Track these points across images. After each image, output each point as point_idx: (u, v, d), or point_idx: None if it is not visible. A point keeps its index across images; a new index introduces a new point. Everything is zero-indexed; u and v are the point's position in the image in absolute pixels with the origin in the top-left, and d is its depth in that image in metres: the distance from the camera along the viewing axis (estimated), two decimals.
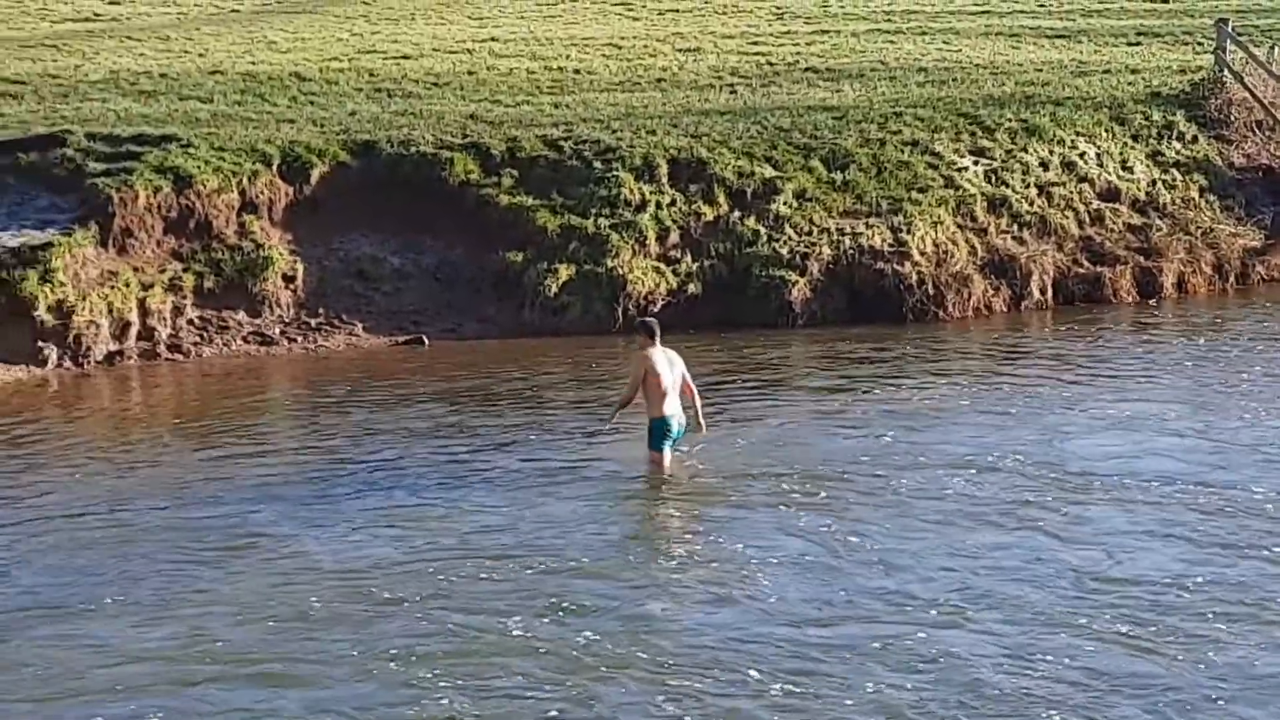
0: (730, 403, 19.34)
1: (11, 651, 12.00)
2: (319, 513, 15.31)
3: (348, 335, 22.97)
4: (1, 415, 19.15)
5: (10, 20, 41.60)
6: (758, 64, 33.99)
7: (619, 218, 24.33)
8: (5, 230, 22.49)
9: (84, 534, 14.78)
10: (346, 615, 12.59)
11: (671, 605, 12.81)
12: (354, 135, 25.64)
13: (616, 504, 15.72)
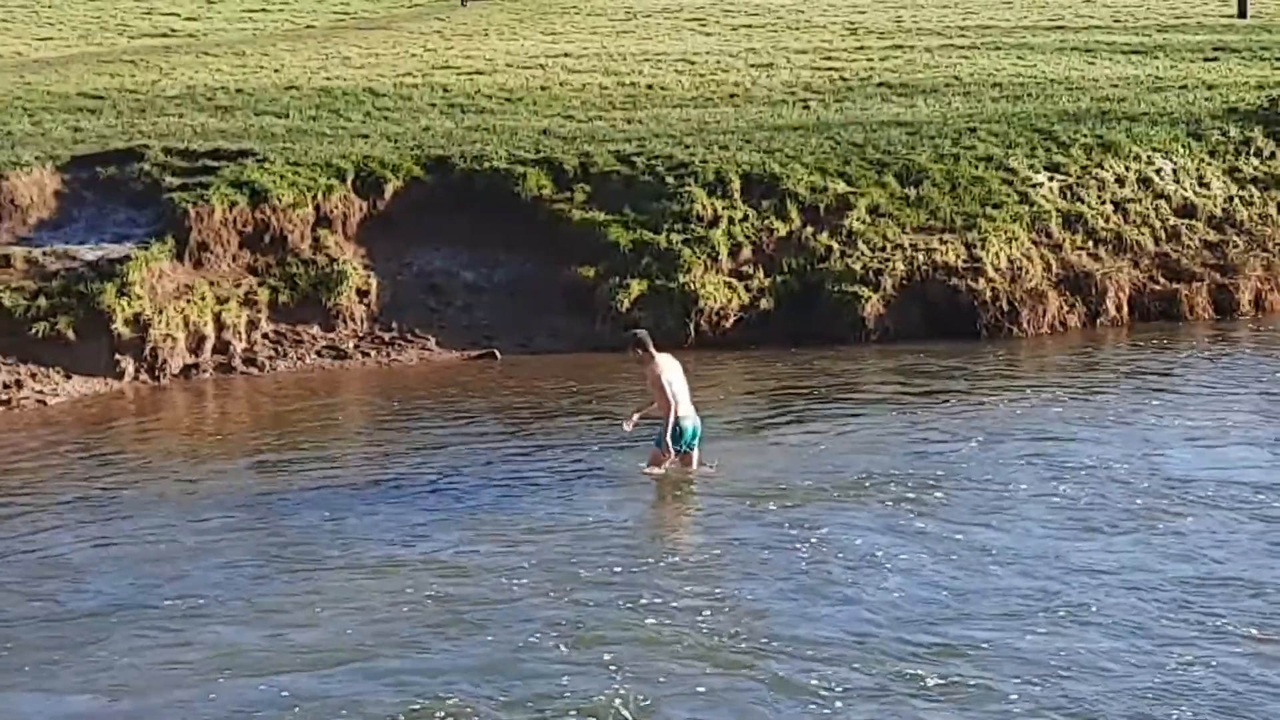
0: (813, 413, 19.54)
1: (108, 650, 12.27)
2: (393, 520, 15.46)
3: (420, 349, 23.02)
4: (79, 427, 19.32)
5: (90, 36, 42.04)
6: (831, 79, 33.93)
7: (691, 233, 24.31)
8: (84, 244, 22.68)
9: (161, 542, 14.92)
10: (439, 614, 12.91)
11: (798, 601, 13.13)
12: (427, 150, 25.74)
13: (717, 509, 15.86)
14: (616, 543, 14.82)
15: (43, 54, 37.98)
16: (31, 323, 21.24)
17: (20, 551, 14.74)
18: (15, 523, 15.58)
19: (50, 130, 26.75)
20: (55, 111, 28.73)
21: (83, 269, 22.00)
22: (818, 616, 12.81)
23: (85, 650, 12.32)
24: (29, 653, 12.27)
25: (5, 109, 28.82)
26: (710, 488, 16.51)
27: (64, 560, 14.46)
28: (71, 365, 21.21)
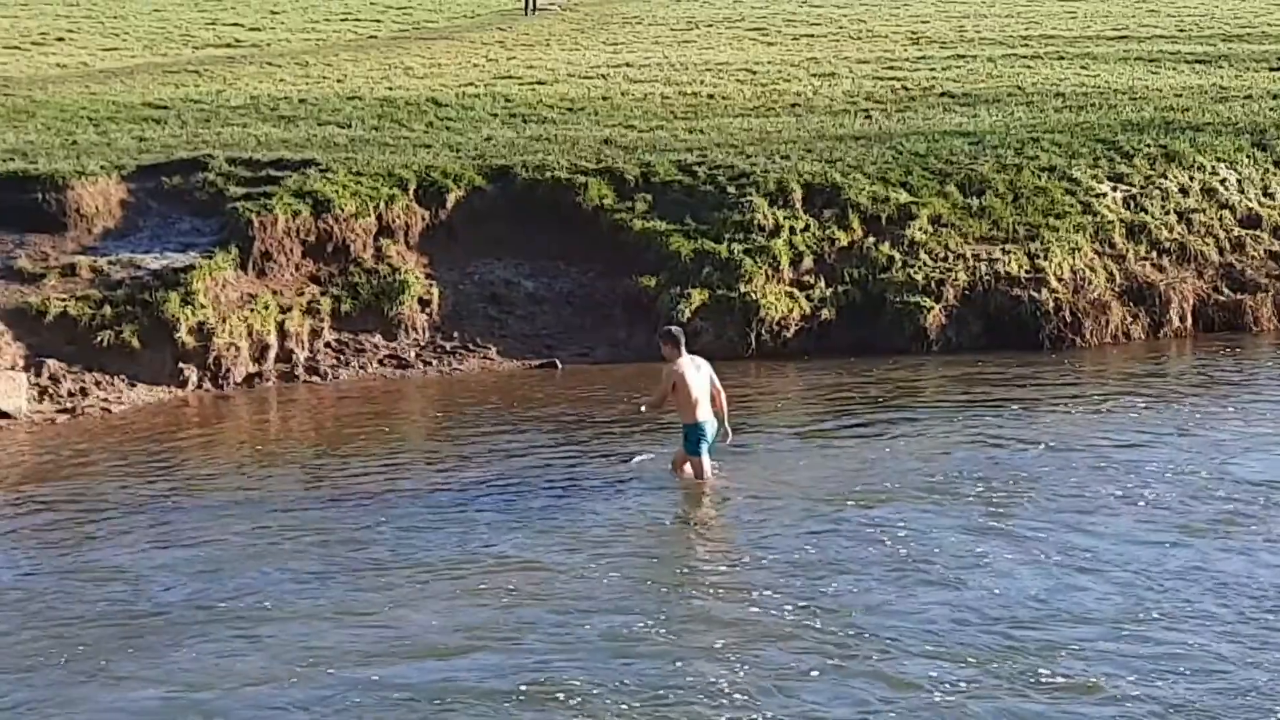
0: (879, 420, 19.63)
1: (178, 649, 12.53)
2: (458, 523, 15.64)
3: (481, 359, 23.07)
4: (144, 435, 19.43)
5: (155, 46, 42.33)
6: (893, 89, 33.87)
7: (752, 243, 24.29)
8: (148, 253, 22.83)
9: (226, 546, 15.08)
10: (527, 608, 13.26)
11: (896, 596, 13.46)
12: (489, 160, 25.82)
13: (793, 510, 15.99)
14: (698, 542, 15.19)
15: (108, 64, 38.27)
16: (97, 331, 21.39)
17: (88, 556, 14.88)
18: (83, 528, 15.72)
19: (116, 140, 26.96)
20: (121, 121, 28.95)
21: (147, 278, 22.15)
22: (917, 612, 13.04)
23: (155, 649, 12.53)
24: (101, 652, 12.47)
25: (72, 119, 29.05)
26: (780, 490, 16.62)
27: (131, 564, 14.59)
28: (136, 374, 21.34)
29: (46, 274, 22.18)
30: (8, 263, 22.31)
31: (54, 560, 14.81)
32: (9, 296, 21.67)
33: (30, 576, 14.37)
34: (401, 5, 56.02)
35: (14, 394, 20.19)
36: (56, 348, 21.24)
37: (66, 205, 23.35)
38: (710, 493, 16.67)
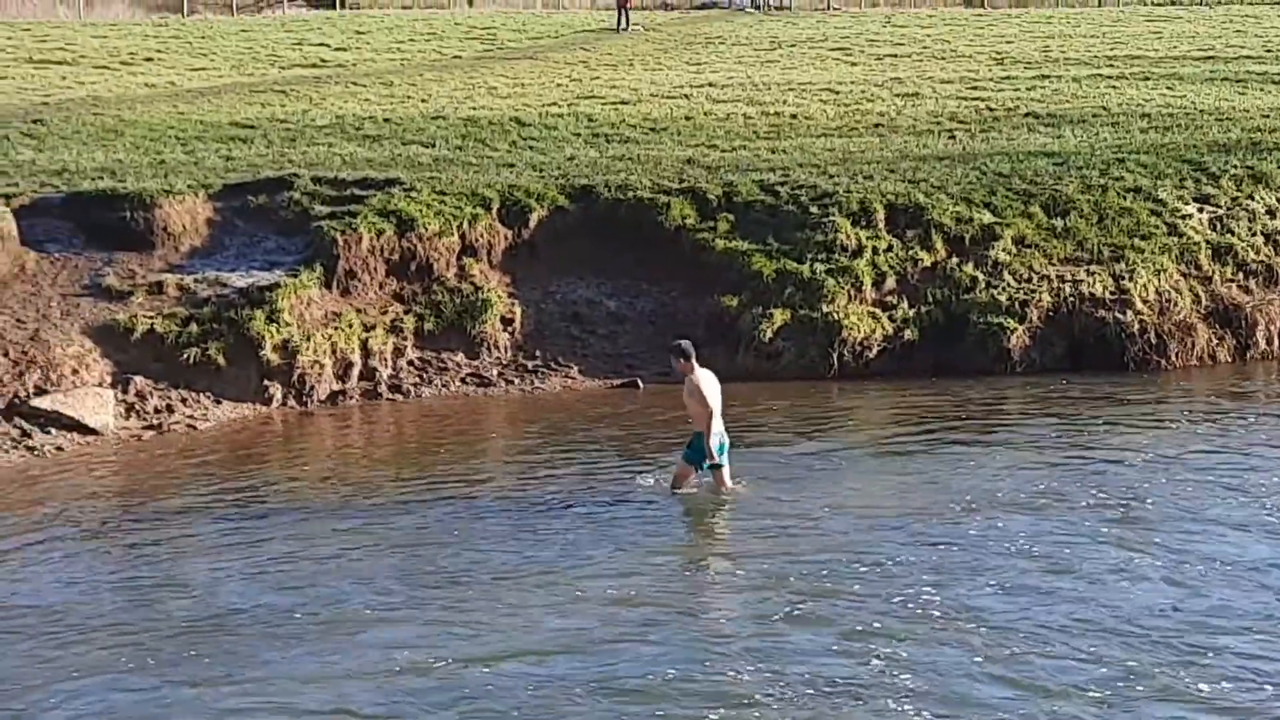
0: (971, 438, 19.70)
1: (267, 655, 12.78)
2: (545, 537, 15.76)
3: (563, 378, 23.11)
4: (228, 451, 19.58)
5: (242, 66, 42.74)
6: (977, 109, 33.78)
7: (835, 263, 24.25)
8: (234, 271, 23.01)
9: (311, 559, 15.21)
10: (640, 612, 13.53)
11: (1033, 602, 13.70)
12: (572, 180, 25.90)
13: (899, 520, 16.15)
14: (808, 549, 15.20)
15: (196, 84, 38.67)
16: (183, 349, 21.56)
17: (174, 569, 15.03)
18: (171, 542, 15.87)
19: (203, 159, 27.22)
20: (208, 140, 29.25)
21: (233, 296, 22.32)
22: (1054, 615, 13.29)
23: (247, 655, 12.79)
24: (194, 659, 12.72)
25: (160, 138, 29.36)
26: (878, 502, 16.82)
27: (217, 576, 14.76)
28: (221, 391, 21.50)
29: (134, 292, 22.39)
30: (96, 280, 22.55)
31: (142, 572, 14.95)
32: (97, 314, 21.89)
33: (118, 589, 14.51)
34: (486, 25, 56.41)
35: (101, 410, 20.39)
36: (143, 365, 21.43)
37: (154, 223, 23.57)
38: (730, 501, 16.93)
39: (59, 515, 16.82)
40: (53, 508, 17.11)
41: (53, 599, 14.22)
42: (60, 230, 23.40)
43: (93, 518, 16.82)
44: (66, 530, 16.31)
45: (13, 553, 15.57)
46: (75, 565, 15.21)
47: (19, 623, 13.64)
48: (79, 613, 13.86)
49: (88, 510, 17.09)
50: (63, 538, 16.06)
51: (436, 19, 60.67)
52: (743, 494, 17.04)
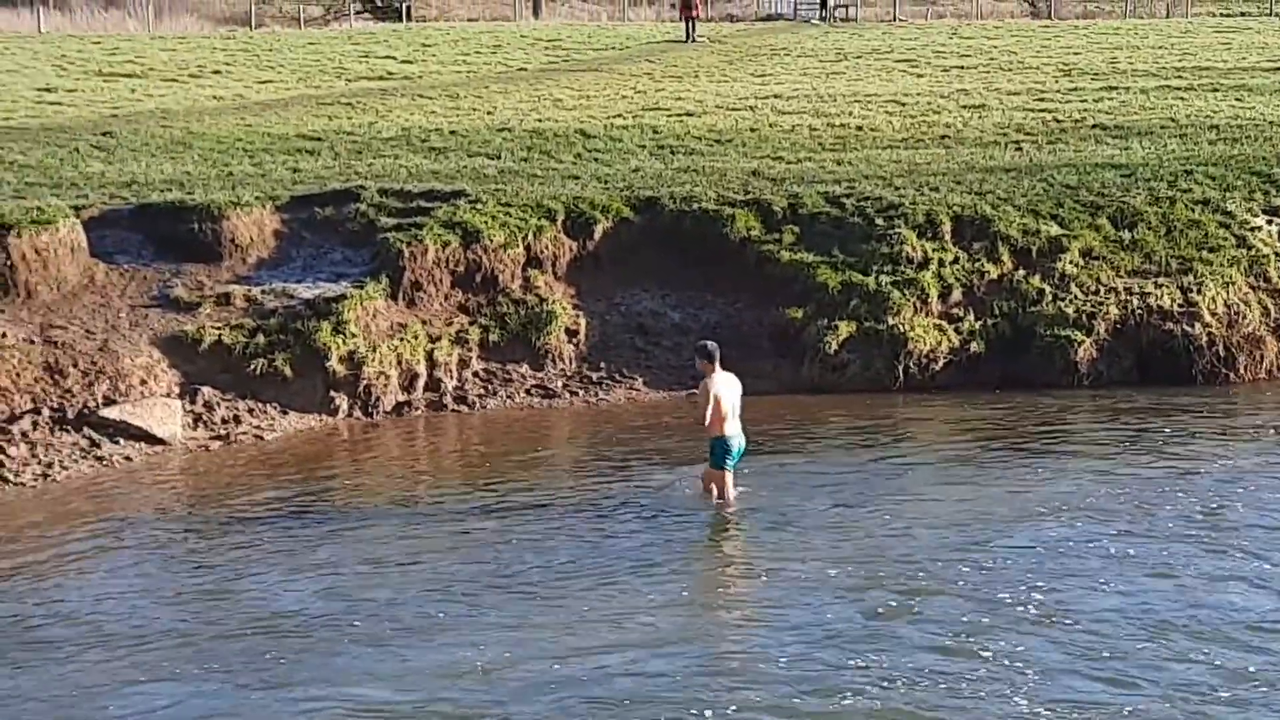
0: (1046, 449, 19.75)
1: (342, 661, 13.03)
2: (613, 547, 15.86)
3: (628, 390, 23.10)
4: (295, 462, 19.66)
5: (309, 79, 42.99)
6: (1044, 121, 33.62)
7: (901, 275, 24.17)
8: (300, 282, 23.13)
9: (379, 569, 15.35)
10: (731, 612, 14.13)
11: (1121, 603, 14.06)
12: (637, 191, 25.92)
13: (986, 525, 16.43)
14: (895, 553, 15.51)
15: (263, 96, 38.91)
16: (250, 360, 21.68)
17: (245, 576, 15.12)
18: (240, 552, 15.96)
19: (270, 171, 27.38)
20: (275, 153, 29.42)
21: (300, 307, 22.43)
22: (1149, 616, 13.64)
23: (319, 658, 13.05)
24: (269, 663, 12.96)
25: (227, 150, 29.55)
26: (957, 510, 16.98)
27: (285, 584, 14.89)
28: (288, 401, 21.60)
29: (202, 303, 22.53)
30: (165, 292, 22.70)
31: (211, 580, 15.06)
32: (165, 325, 22.03)
33: (188, 596, 14.62)
34: (551, 38, 56.54)
35: (169, 421, 20.51)
36: (211, 376, 21.55)
37: (222, 235, 23.71)
38: (733, 513, 17.04)
39: (127, 524, 16.95)
40: (121, 517, 17.24)
41: (122, 606, 14.35)
42: (129, 242, 23.58)
43: (161, 527, 16.94)
44: (135, 539, 16.43)
45: (83, 561, 15.70)
46: (144, 573, 15.33)
47: (91, 630, 13.75)
48: (149, 619, 14.00)
49: (156, 520, 17.21)
50: (131, 546, 16.19)
51: (502, 31, 60.87)
52: (746, 492, 17.37)
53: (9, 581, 15.09)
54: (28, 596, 14.65)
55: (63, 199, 24.13)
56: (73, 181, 26.01)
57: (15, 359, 20.73)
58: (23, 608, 14.34)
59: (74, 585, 15.00)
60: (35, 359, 20.88)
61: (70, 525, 16.98)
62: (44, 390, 20.57)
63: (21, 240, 22.16)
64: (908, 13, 75.68)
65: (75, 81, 41.45)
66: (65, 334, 21.44)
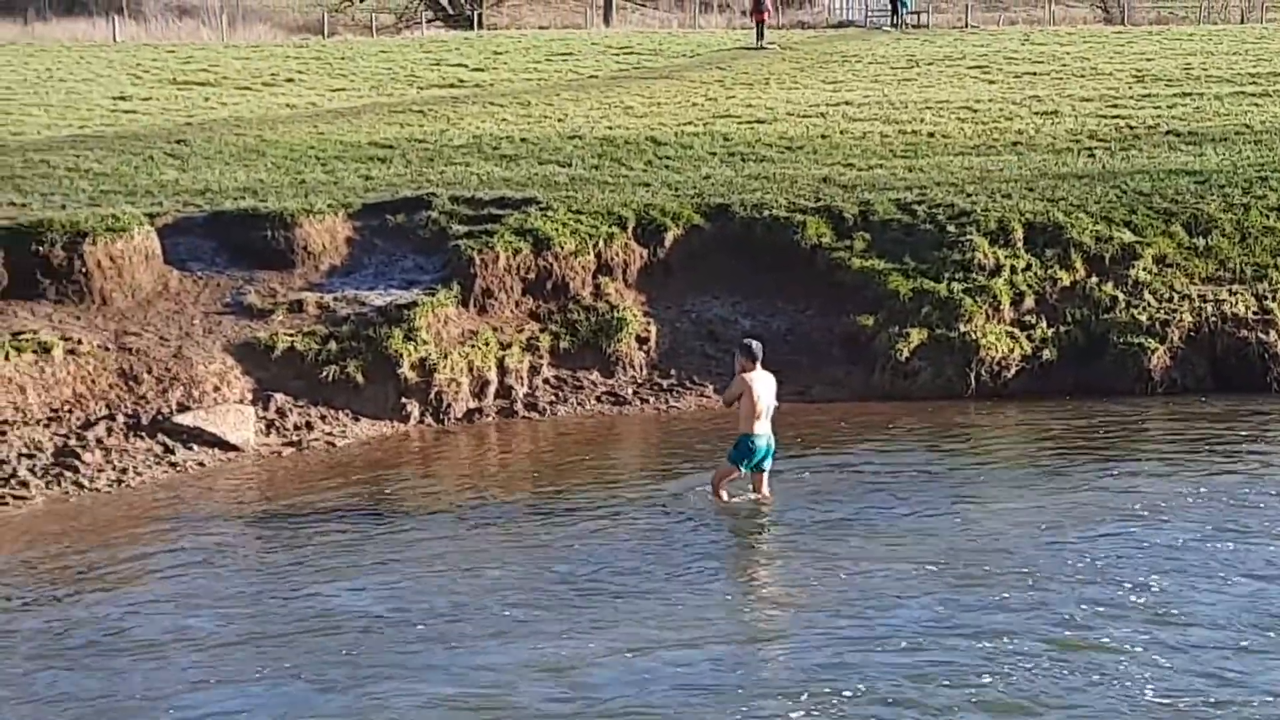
0: (1129, 455, 19.70)
1: (429, 664, 13.08)
2: (684, 557, 15.77)
3: (698, 396, 23.09)
4: (366, 468, 19.75)
5: (381, 87, 43.21)
6: (1117, 127, 33.43)
7: (972, 282, 24.08)
8: (372, 289, 23.23)
9: (454, 574, 15.38)
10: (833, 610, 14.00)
11: (1218, 598, 14.14)
12: (707, 198, 25.92)
13: (1075, 526, 16.44)
14: (985, 551, 15.58)
15: (336, 104, 39.14)
16: (322, 366, 21.79)
17: (318, 583, 15.13)
18: (312, 557, 16.00)
19: (342, 178, 27.53)
20: (347, 160, 29.57)
21: (371, 314, 22.52)
22: (1256, 615, 13.65)
23: (396, 658, 13.12)
24: (345, 665, 13.03)
25: (300, 158, 29.73)
26: (1040, 512, 16.99)
27: (361, 588, 14.92)
28: (359, 408, 21.69)
29: (274, 310, 22.66)
30: (238, 299, 22.85)
31: (282, 585, 15.12)
32: (238, 332, 22.18)
33: (262, 601, 14.68)
34: (622, 45, 56.63)
35: (242, 427, 20.65)
36: (283, 382, 21.67)
37: (294, 242, 23.85)
38: (743, 512, 17.28)
39: (200, 530, 17.05)
40: (194, 523, 17.36)
41: (195, 610, 14.42)
42: (203, 249, 23.74)
43: (234, 532, 17.04)
44: (207, 544, 16.52)
45: (156, 566, 15.81)
46: (217, 578, 15.40)
47: (163, 633, 13.84)
48: (222, 623, 14.06)
49: (229, 525, 17.32)
50: (204, 551, 16.28)
51: (573, 39, 61.00)
52: (768, 500, 17.51)
53: (82, 585, 15.20)
54: (101, 600, 14.75)
55: (137, 206, 24.33)
56: (147, 189, 26.22)
57: (91, 365, 20.92)
58: (95, 611, 14.43)
59: (147, 590, 15.10)
60: (110, 365, 21.06)
61: (144, 530, 17.10)
62: (119, 396, 20.75)
63: (97, 248, 22.36)
64: (980, 19, 75.44)
65: (150, 90, 41.81)
66: (140, 340, 21.62)
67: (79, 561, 15.98)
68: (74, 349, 21.00)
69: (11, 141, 31.43)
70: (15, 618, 14.36)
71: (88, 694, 12.56)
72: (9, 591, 15.06)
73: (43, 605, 14.65)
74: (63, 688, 12.66)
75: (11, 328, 21.17)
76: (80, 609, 14.53)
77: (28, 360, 20.54)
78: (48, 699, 12.49)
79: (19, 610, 14.56)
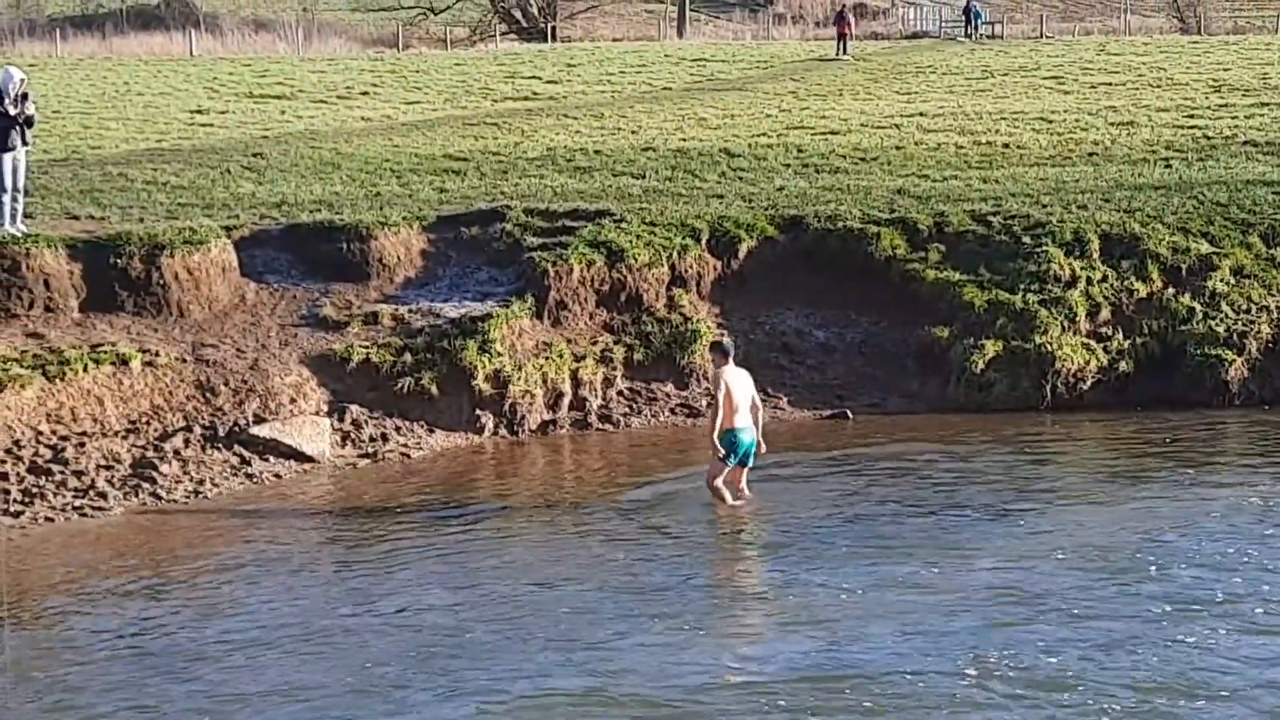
0: (1208, 464, 19.81)
1: (497, 671, 13.18)
2: (791, 561, 15.97)
3: (772, 408, 23.01)
4: (441, 479, 19.83)
5: (455, 100, 43.36)
6: (1193, 137, 33.20)
7: (1048, 293, 23.95)
8: (447, 301, 23.31)
9: (530, 588, 15.43)
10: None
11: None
12: (781, 210, 25.90)
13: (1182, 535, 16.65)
14: (1090, 554, 15.91)
15: (411, 117, 39.31)
16: (397, 378, 21.87)
17: (394, 593, 15.24)
18: (388, 567, 16.14)
19: (417, 191, 27.66)
20: (422, 173, 29.71)
21: (446, 326, 22.59)
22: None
23: (473, 666, 13.26)
24: (425, 671, 13.22)
25: (375, 170, 29.89)
26: (1135, 518, 17.26)
27: (433, 600, 15.04)
28: (434, 420, 21.77)
29: (350, 322, 22.78)
30: (314, 311, 22.97)
31: (357, 595, 15.22)
32: (314, 344, 22.30)
33: (334, 611, 14.78)
34: (696, 57, 56.62)
35: (318, 439, 20.75)
36: (359, 394, 21.78)
37: (369, 255, 23.97)
38: (732, 515, 17.65)
39: (277, 541, 17.18)
40: (271, 534, 17.49)
41: (273, 619, 14.54)
42: (279, 261, 23.90)
43: (310, 543, 17.18)
44: (284, 555, 16.66)
45: (233, 576, 15.94)
46: (292, 588, 15.53)
47: (243, 640, 13.95)
48: (300, 632, 14.17)
49: (305, 536, 17.45)
50: (280, 562, 16.41)
51: (646, 51, 61.03)
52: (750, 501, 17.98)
53: (161, 594, 15.35)
54: (180, 609, 14.89)
55: (214, 219, 24.53)
56: (224, 202, 26.42)
57: (168, 377, 21.09)
58: (175, 620, 14.58)
59: (225, 599, 15.23)
60: (187, 377, 21.23)
61: (221, 541, 17.25)
62: (196, 408, 20.90)
63: (174, 260, 22.54)
64: (1055, 29, 75.06)
65: (226, 103, 42.13)
66: (216, 353, 21.78)
67: (157, 571, 16.13)
68: (152, 361, 21.18)
69: (90, 155, 31.74)
70: (95, 625, 14.52)
71: (169, 699, 12.69)
72: (88, 600, 15.22)
73: (122, 614, 14.78)
74: (143, 698, 12.78)
75: (90, 340, 21.38)
76: (159, 618, 14.68)
77: (106, 372, 20.73)
78: (129, 705, 12.63)
79: (98, 617, 14.72)
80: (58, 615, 14.91)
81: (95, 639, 14.18)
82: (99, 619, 14.71)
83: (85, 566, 16.35)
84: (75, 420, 20.19)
